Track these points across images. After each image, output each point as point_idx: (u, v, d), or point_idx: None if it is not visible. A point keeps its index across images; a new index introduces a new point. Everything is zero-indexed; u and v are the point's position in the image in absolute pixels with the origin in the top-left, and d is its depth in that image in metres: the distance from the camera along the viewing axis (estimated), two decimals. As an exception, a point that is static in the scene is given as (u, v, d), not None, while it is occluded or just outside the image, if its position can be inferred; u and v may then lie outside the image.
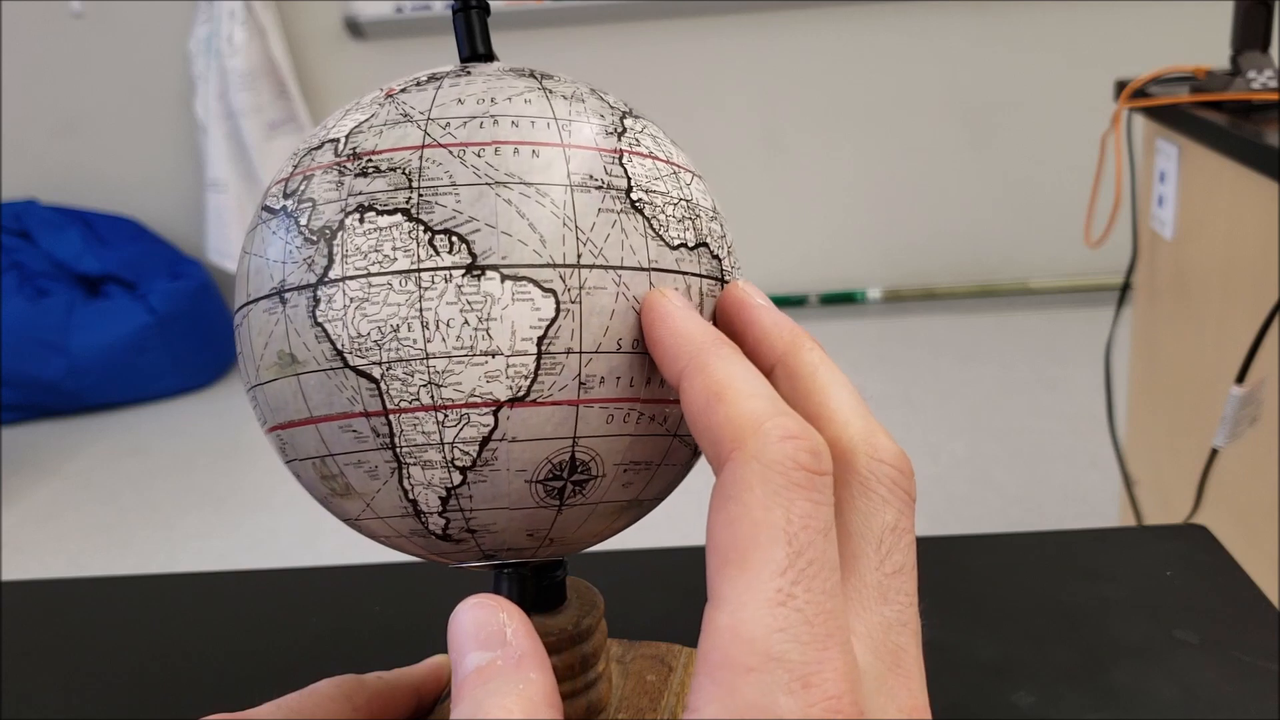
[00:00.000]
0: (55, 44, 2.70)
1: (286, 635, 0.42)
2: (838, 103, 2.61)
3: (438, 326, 0.22)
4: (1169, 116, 1.18)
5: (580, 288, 0.22)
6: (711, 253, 0.25)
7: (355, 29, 2.63)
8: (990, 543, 0.45)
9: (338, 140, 0.24)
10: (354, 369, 0.22)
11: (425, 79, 0.25)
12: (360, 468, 0.23)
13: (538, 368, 0.22)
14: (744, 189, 2.69)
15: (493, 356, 0.22)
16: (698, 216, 0.24)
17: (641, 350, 0.23)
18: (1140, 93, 1.21)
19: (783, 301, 2.72)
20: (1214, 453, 1.01)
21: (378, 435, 0.22)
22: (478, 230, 0.22)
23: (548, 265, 0.22)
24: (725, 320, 0.24)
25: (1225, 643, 0.37)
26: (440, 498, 0.23)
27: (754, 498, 0.18)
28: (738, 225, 0.34)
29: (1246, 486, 1.05)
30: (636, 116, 0.26)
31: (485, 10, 0.27)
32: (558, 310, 0.22)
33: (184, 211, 2.79)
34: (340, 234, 0.22)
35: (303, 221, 0.23)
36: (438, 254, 0.22)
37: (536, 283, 0.22)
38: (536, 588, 0.28)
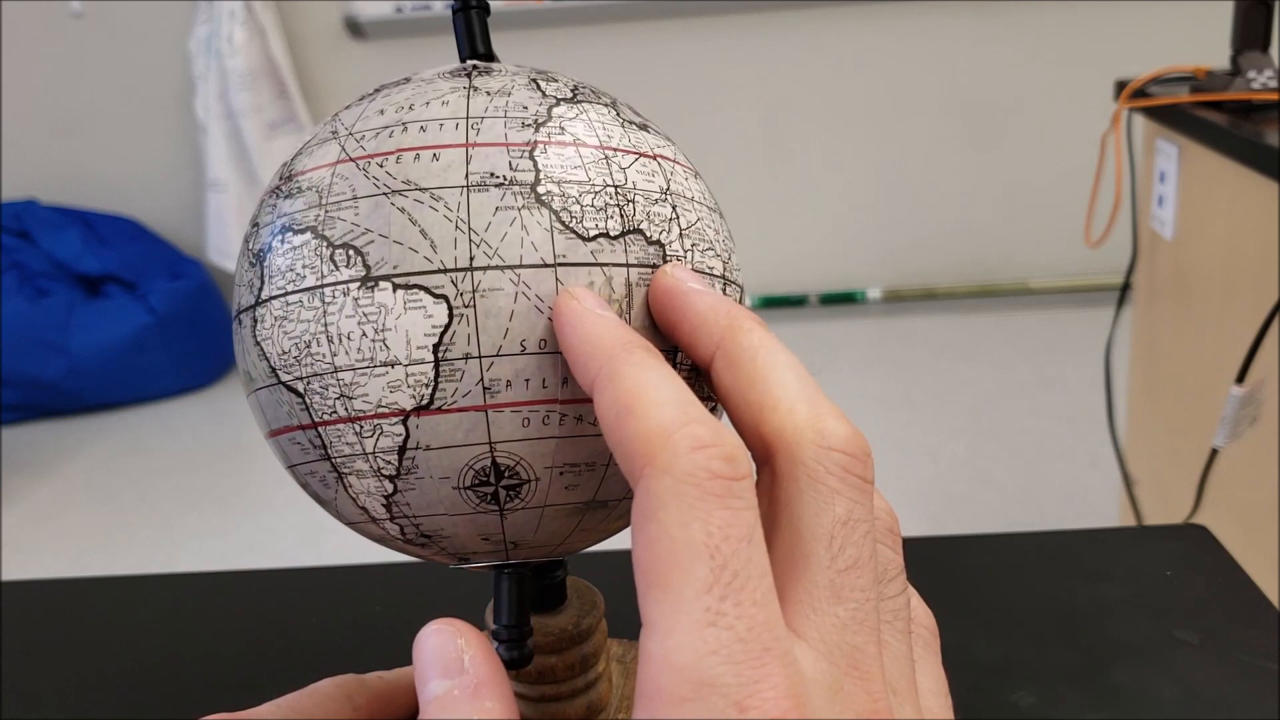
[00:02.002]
0: (55, 44, 2.70)
1: (286, 635, 0.42)
2: (838, 103, 2.61)
3: (341, 340, 0.22)
4: (1169, 116, 1.18)
5: (474, 291, 0.21)
6: (648, 238, 0.23)
7: (355, 29, 2.63)
8: (990, 543, 0.45)
9: (287, 163, 0.25)
10: (284, 385, 0.23)
11: (370, 91, 0.25)
12: (315, 478, 0.24)
13: (437, 375, 0.21)
14: (744, 189, 2.69)
15: (392, 367, 0.22)
16: (629, 202, 0.23)
17: (551, 350, 0.22)
18: (1140, 93, 1.21)
19: (783, 301, 2.72)
20: (1214, 453, 1.01)
21: (315, 447, 0.23)
22: (372, 241, 0.22)
23: (438, 271, 0.21)
24: (658, 310, 0.23)
25: (1225, 643, 0.37)
26: (383, 505, 0.23)
27: (670, 515, 0.17)
28: (738, 226, 0.34)
29: (1246, 486, 1.05)
30: (578, 101, 0.24)
31: (485, 10, 0.27)
32: (451, 316, 0.21)
33: (184, 211, 2.79)
34: (268, 255, 0.23)
35: (250, 246, 0.24)
36: (337, 268, 0.22)
37: (428, 289, 0.21)
38: (536, 588, 0.28)
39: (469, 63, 0.26)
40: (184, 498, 2.10)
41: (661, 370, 0.19)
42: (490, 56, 0.27)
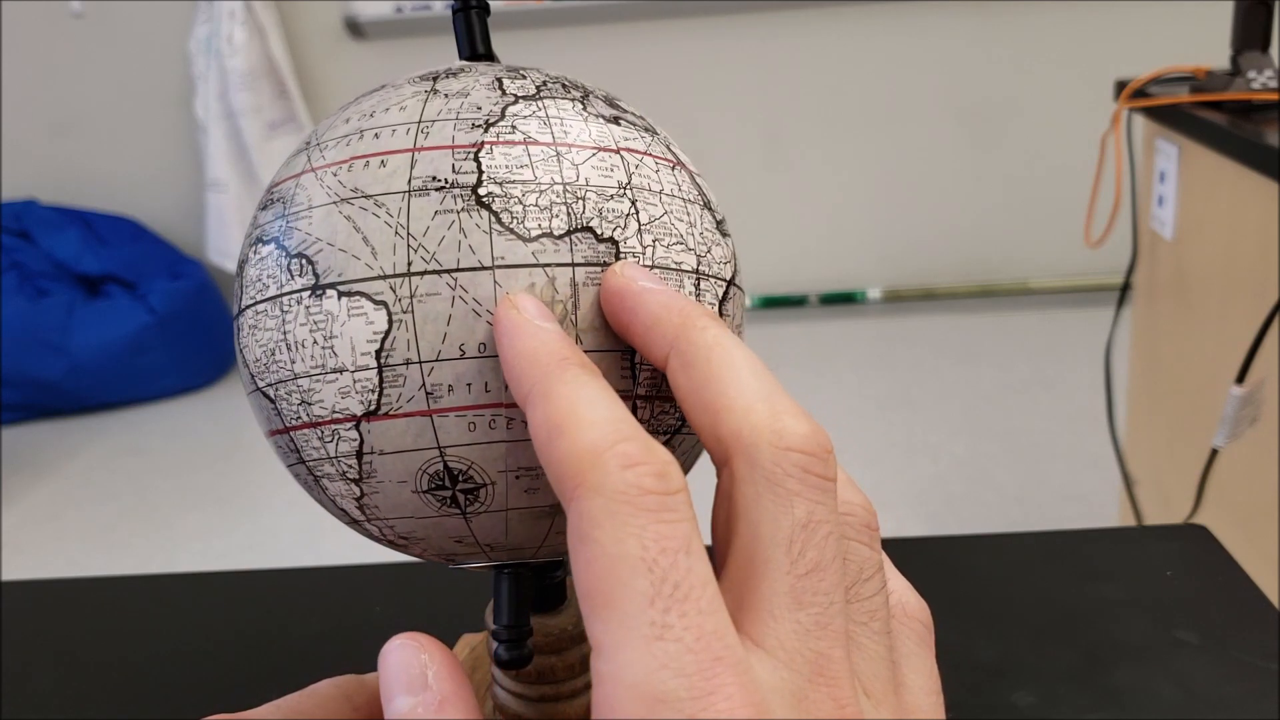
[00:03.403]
0: (55, 44, 2.70)
1: (286, 635, 0.42)
2: (838, 103, 2.61)
3: (296, 348, 0.22)
4: (1169, 116, 1.18)
5: (411, 296, 0.21)
6: (599, 235, 0.22)
7: (355, 29, 2.63)
8: (990, 543, 0.45)
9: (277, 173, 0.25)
10: (260, 390, 0.24)
11: (350, 100, 0.25)
12: (300, 480, 0.24)
13: (381, 381, 0.22)
14: (744, 189, 2.69)
15: (340, 373, 0.22)
16: (580, 199, 0.22)
17: (493, 354, 0.21)
18: (1140, 93, 1.21)
19: (783, 301, 2.72)
20: (1214, 453, 1.01)
21: (291, 450, 0.24)
22: (321, 250, 0.22)
23: (378, 277, 0.22)
24: (610, 311, 0.22)
25: (1225, 643, 0.37)
26: (356, 507, 0.23)
27: (604, 534, 0.17)
28: (738, 226, 0.33)
29: (1246, 486, 1.05)
30: (541, 98, 0.24)
31: (485, 10, 0.27)
32: (390, 322, 0.21)
33: (184, 211, 2.79)
34: (245, 266, 0.24)
35: (239, 257, 0.25)
36: (293, 278, 0.22)
37: (369, 296, 0.22)
38: (536, 588, 0.28)
39: (457, 64, 0.26)
40: (184, 498, 2.10)
41: (595, 387, 0.19)
42: (490, 57, 0.26)
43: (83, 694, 0.40)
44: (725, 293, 0.25)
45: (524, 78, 0.25)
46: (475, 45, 0.26)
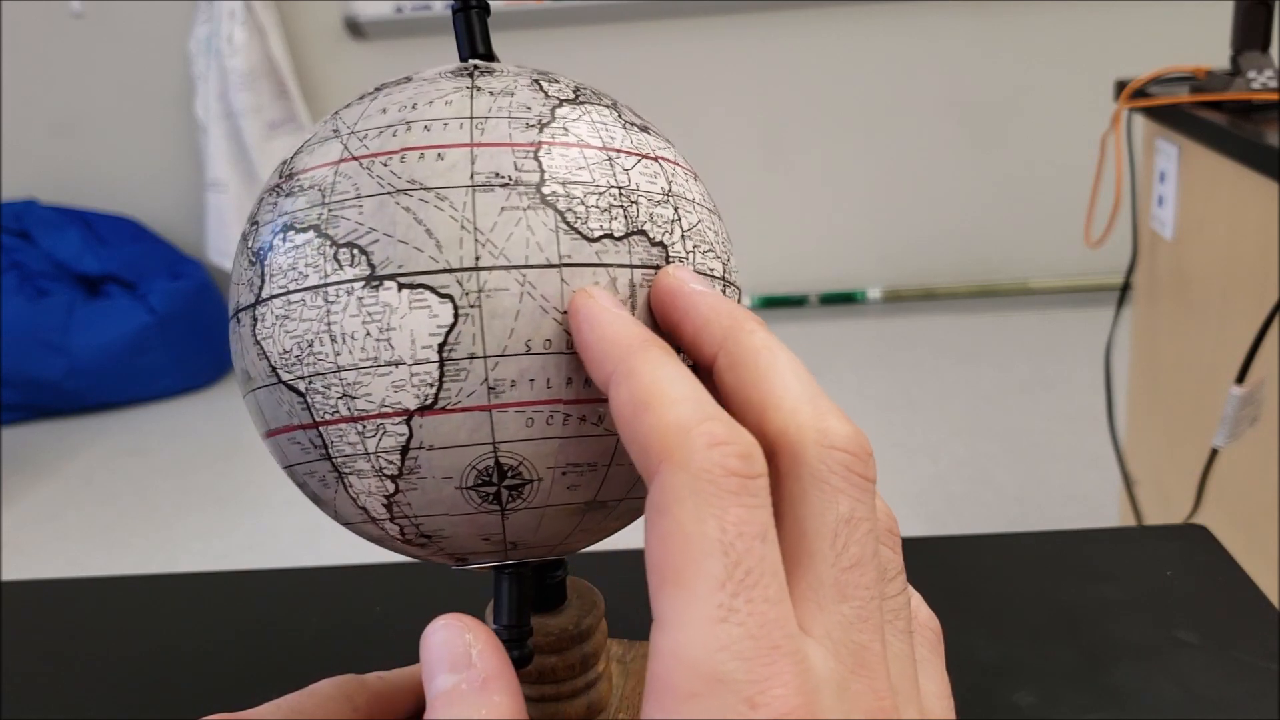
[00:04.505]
0: (55, 44, 2.70)
1: (286, 635, 0.42)
2: (838, 103, 2.61)
3: (345, 339, 0.22)
4: (1169, 116, 1.18)
5: (479, 291, 0.21)
6: (651, 240, 0.23)
7: (355, 29, 2.63)
8: (990, 543, 0.45)
9: (286, 161, 0.25)
10: (285, 384, 0.23)
11: (370, 90, 0.25)
12: (314, 477, 0.24)
13: (442, 375, 0.21)
14: (744, 189, 2.69)
15: (396, 366, 0.21)
16: (634, 203, 0.23)
17: (557, 351, 0.22)
18: (1140, 93, 1.21)
19: (783, 301, 2.72)
20: (1214, 453, 1.01)
21: (315, 447, 0.23)
22: (376, 241, 0.22)
23: (443, 270, 0.21)
24: (661, 311, 0.23)
25: (1225, 643, 0.37)
26: (383, 505, 0.23)
27: (685, 510, 0.17)
28: (738, 226, 0.34)
29: (1246, 486, 1.05)
30: (580, 103, 0.24)
31: (485, 10, 0.27)
32: (456, 315, 0.21)
33: (184, 211, 2.79)
34: (269, 254, 0.23)
35: (249, 244, 0.24)
36: (341, 268, 0.22)
37: (433, 289, 0.21)
38: (537, 588, 0.28)
39: (470, 62, 0.26)
40: (184, 498, 2.10)
41: (678, 368, 0.19)
42: (490, 56, 0.27)
43: (83, 694, 0.40)
44: (737, 300, 0.26)
45: (557, 81, 0.25)
46: (475, 45, 0.26)
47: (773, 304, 2.72)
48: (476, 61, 0.26)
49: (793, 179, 2.70)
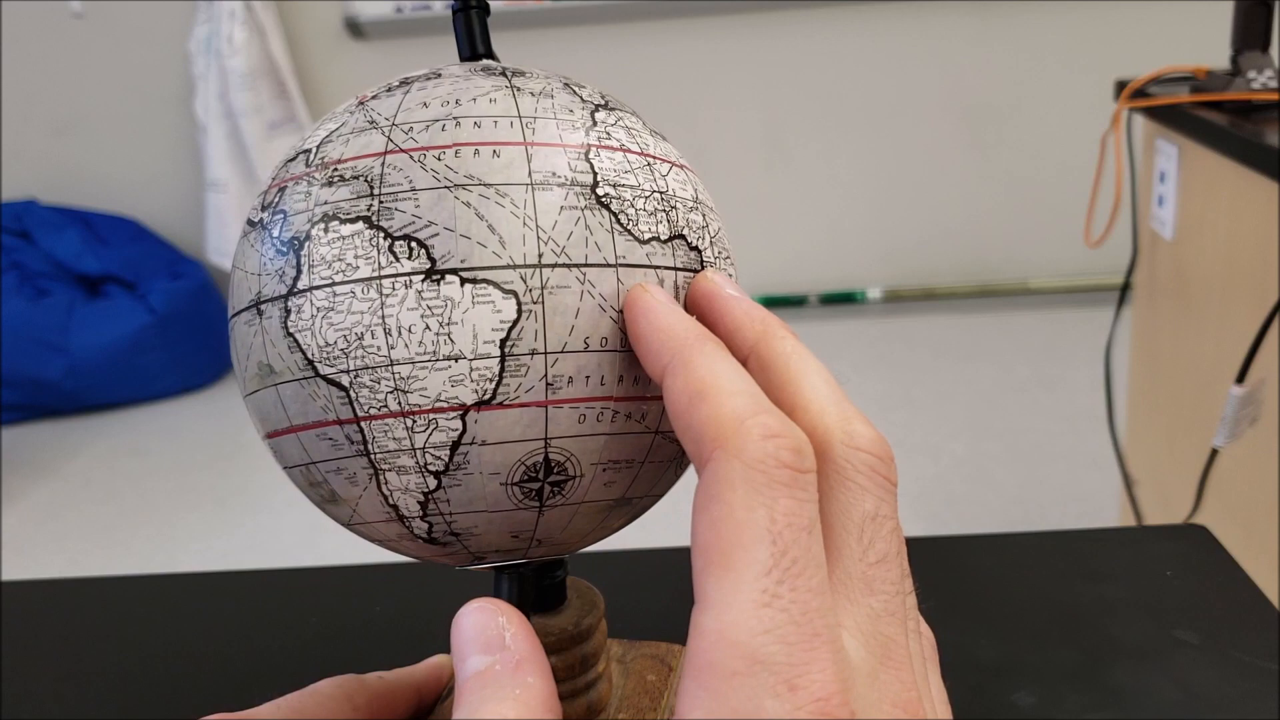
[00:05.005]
0: (55, 44, 2.70)
1: (286, 635, 0.42)
2: (838, 103, 2.61)
3: (400, 332, 0.21)
4: (1169, 116, 1.18)
5: (542, 288, 0.22)
6: (689, 244, 0.24)
7: (355, 29, 2.63)
8: (990, 543, 0.45)
9: (309, 151, 0.24)
10: (324, 378, 0.22)
11: (396, 83, 0.25)
12: (340, 475, 0.23)
13: (502, 370, 0.21)
14: (744, 189, 2.69)
15: (456, 360, 0.21)
16: (673, 208, 0.24)
17: (611, 349, 0.22)
18: (1140, 93, 1.21)
19: (783, 301, 2.72)
20: (1214, 453, 1.01)
21: (352, 442, 0.23)
22: (436, 234, 0.22)
23: (508, 266, 0.21)
24: (696, 313, 0.23)
25: (1225, 643, 0.37)
26: (419, 502, 0.23)
27: (736, 497, 0.18)
28: (738, 225, 0.34)
29: (1246, 486, 1.05)
30: (611, 109, 0.25)
31: (485, 10, 0.27)
32: (519, 311, 0.21)
33: (184, 211, 2.79)
34: (307, 244, 0.23)
35: (275, 233, 0.23)
36: (398, 260, 0.22)
37: (497, 284, 0.21)
38: (537, 588, 0.28)
39: (483, 61, 0.26)
40: (184, 498, 2.10)
41: (732, 362, 0.20)
42: (490, 56, 0.27)
43: (83, 694, 0.40)
44: None
45: (584, 86, 0.26)
46: (475, 45, 0.26)
47: (773, 304, 2.71)
48: (488, 61, 0.26)
49: (793, 179, 2.70)
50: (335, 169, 0.23)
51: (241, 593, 0.46)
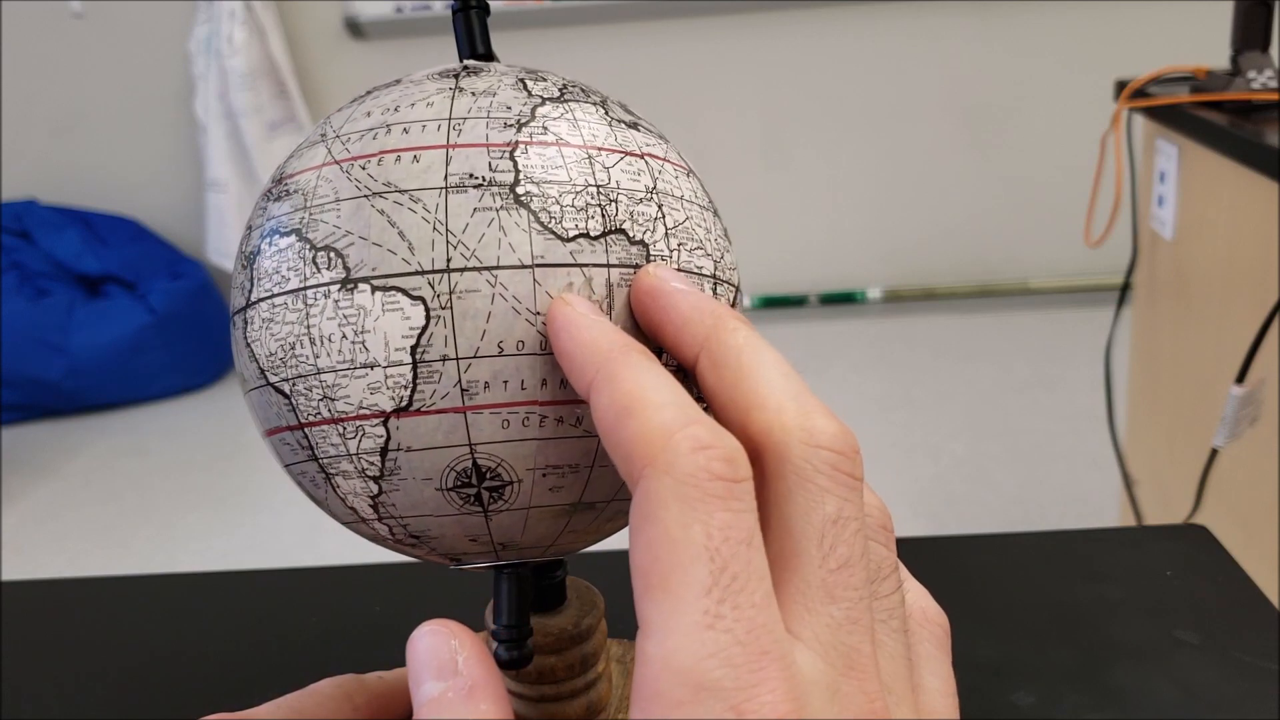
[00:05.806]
0: (55, 44, 2.70)
1: (286, 635, 0.42)
2: (838, 103, 2.61)
3: (323, 342, 0.22)
4: (1169, 116, 1.18)
5: (451, 292, 0.21)
6: (630, 239, 0.23)
7: (355, 29, 2.63)
8: (990, 543, 0.45)
9: (279, 166, 0.25)
10: (272, 386, 0.23)
11: (363, 94, 0.25)
12: (305, 478, 0.24)
13: (415, 377, 0.21)
14: (744, 189, 2.69)
15: (371, 368, 0.22)
16: (613, 201, 0.23)
17: (530, 352, 0.22)
18: (1140, 93, 1.21)
19: (782, 301, 2.72)
20: (1214, 453, 1.01)
21: (303, 448, 0.23)
22: (352, 244, 0.22)
23: (415, 273, 0.21)
24: (641, 311, 0.22)
25: (1225, 643, 0.37)
26: (370, 506, 0.23)
27: (670, 515, 0.17)
28: (738, 226, 0.33)
29: (1246, 486, 1.05)
30: (566, 101, 0.24)
31: (485, 10, 0.27)
32: (428, 317, 0.21)
33: (184, 211, 2.79)
34: (257, 258, 0.23)
35: (243, 248, 0.24)
36: (319, 271, 0.22)
37: (405, 291, 0.21)
38: (536, 588, 0.28)
39: (464, 63, 0.26)
40: (184, 498, 2.10)
41: (659, 372, 0.19)
42: (490, 56, 0.27)
43: (83, 694, 0.40)
44: (734, 299, 0.26)
45: (544, 80, 0.25)
46: (475, 45, 0.26)
47: (773, 304, 2.72)
48: (469, 62, 0.26)
49: (793, 179, 2.70)
50: (284, 184, 0.24)
51: (241, 593, 0.46)
